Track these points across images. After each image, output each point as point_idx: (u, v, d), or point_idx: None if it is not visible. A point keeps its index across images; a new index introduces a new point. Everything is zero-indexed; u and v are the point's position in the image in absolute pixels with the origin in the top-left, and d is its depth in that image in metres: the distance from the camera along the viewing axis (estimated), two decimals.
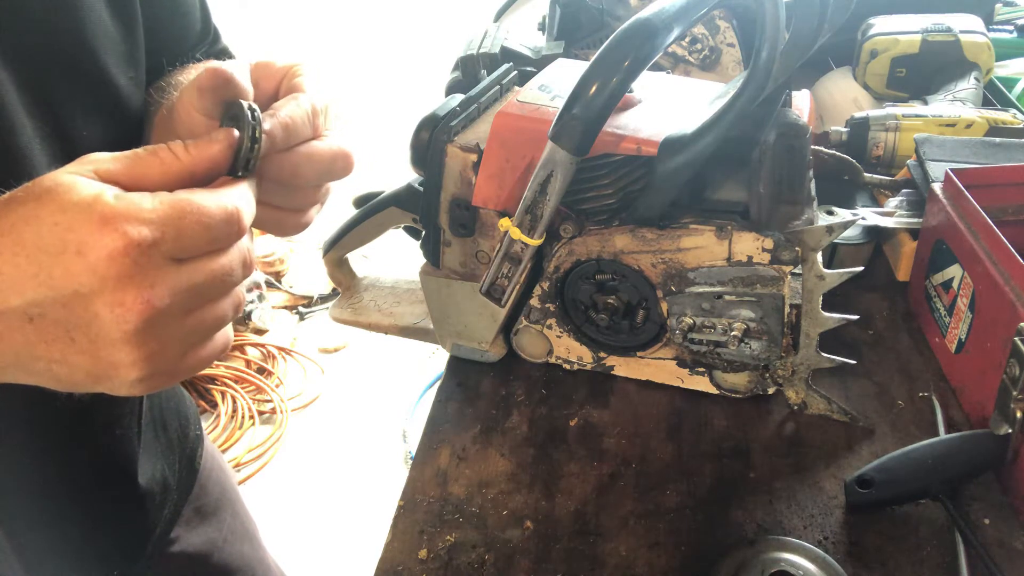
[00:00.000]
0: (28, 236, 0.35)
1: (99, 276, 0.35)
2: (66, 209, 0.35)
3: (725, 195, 0.66)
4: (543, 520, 0.64)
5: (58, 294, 0.35)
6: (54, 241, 0.35)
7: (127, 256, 0.35)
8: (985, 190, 0.73)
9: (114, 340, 0.36)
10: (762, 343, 0.67)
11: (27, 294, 0.35)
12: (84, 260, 0.35)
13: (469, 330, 0.77)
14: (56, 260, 0.35)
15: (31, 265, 0.35)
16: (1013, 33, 1.32)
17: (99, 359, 0.37)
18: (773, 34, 0.54)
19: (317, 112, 0.48)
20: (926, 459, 0.61)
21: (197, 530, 0.78)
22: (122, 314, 0.35)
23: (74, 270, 0.35)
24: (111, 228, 0.35)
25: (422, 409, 2.27)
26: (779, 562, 0.56)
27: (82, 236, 0.35)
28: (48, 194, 0.35)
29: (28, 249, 0.35)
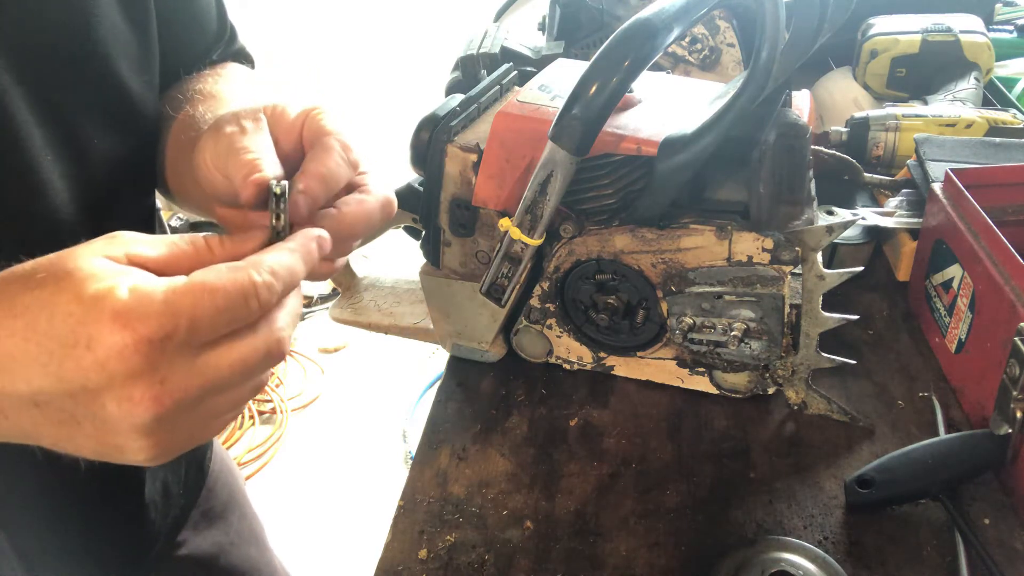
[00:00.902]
0: (42, 323, 0.34)
1: (108, 372, 0.34)
2: (81, 300, 0.34)
3: (725, 195, 0.66)
4: (543, 520, 0.64)
5: (66, 387, 0.35)
6: (66, 332, 0.34)
7: (137, 352, 0.34)
8: (985, 190, 0.73)
9: (122, 431, 0.36)
10: (762, 343, 0.67)
11: (34, 382, 0.35)
12: (93, 355, 0.34)
13: (469, 330, 0.77)
14: (67, 352, 0.34)
15: (41, 354, 0.34)
16: (1013, 33, 1.32)
17: (106, 443, 0.37)
18: (773, 34, 0.54)
19: (349, 148, 0.46)
20: (926, 459, 0.61)
21: (204, 534, 0.78)
22: (130, 409, 0.35)
23: (83, 364, 0.34)
24: (120, 324, 0.34)
25: (422, 409, 2.27)
26: (779, 562, 0.56)
27: (92, 331, 0.34)
28: (67, 279, 0.35)
29: (40, 336, 0.34)
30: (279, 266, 0.38)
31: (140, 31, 0.55)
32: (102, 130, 0.54)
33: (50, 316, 0.34)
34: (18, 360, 0.35)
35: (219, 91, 0.61)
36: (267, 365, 0.39)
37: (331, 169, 0.44)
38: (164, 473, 0.71)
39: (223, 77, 0.65)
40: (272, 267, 0.38)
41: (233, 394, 0.39)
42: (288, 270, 0.39)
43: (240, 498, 0.87)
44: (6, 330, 0.35)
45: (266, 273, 0.37)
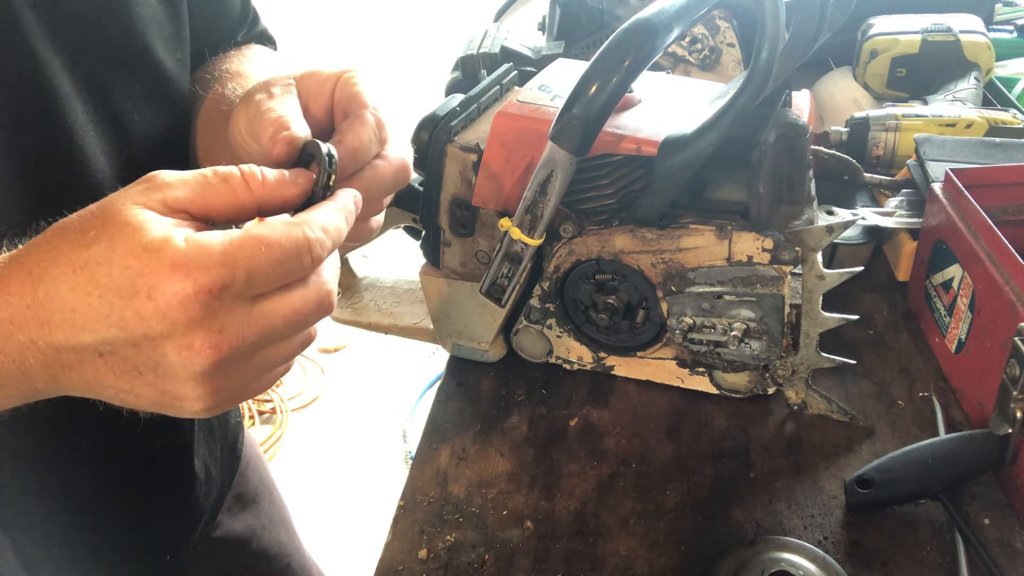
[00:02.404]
0: (101, 276, 0.35)
1: (169, 321, 0.35)
2: (137, 253, 0.35)
3: (725, 195, 0.66)
4: (543, 520, 0.64)
5: (128, 335, 0.36)
6: (126, 284, 0.35)
7: (197, 301, 0.35)
8: (985, 190, 0.73)
9: (181, 379, 0.37)
10: (762, 343, 0.67)
11: (99, 333, 0.36)
12: (154, 304, 0.35)
13: (469, 330, 0.77)
14: (127, 303, 0.35)
15: (103, 305, 0.36)
16: (1013, 33, 1.32)
17: (165, 392, 0.38)
18: (773, 34, 0.54)
19: (383, 125, 0.47)
20: (926, 459, 0.61)
21: (238, 516, 0.79)
22: (190, 357, 0.36)
23: (144, 314, 0.35)
24: (181, 274, 0.35)
25: (422, 409, 2.27)
26: (779, 562, 0.56)
27: (152, 281, 0.35)
28: (120, 234, 0.36)
29: (101, 289, 0.35)
30: (330, 224, 0.40)
31: (173, 10, 0.56)
32: (141, 107, 0.55)
33: (108, 270, 0.35)
34: (80, 312, 0.36)
35: (245, 70, 0.62)
36: (317, 317, 0.41)
37: (364, 144, 0.46)
38: (204, 452, 0.72)
39: (248, 57, 0.66)
40: (324, 225, 0.39)
41: (285, 345, 0.41)
42: (336, 228, 0.40)
43: (269, 484, 0.88)
44: (67, 284, 0.36)
45: (319, 230, 0.39)
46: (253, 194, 0.40)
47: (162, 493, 0.68)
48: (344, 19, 4.22)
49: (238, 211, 0.40)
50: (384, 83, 3.65)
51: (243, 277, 0.36)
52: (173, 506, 0.70)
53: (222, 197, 0.39)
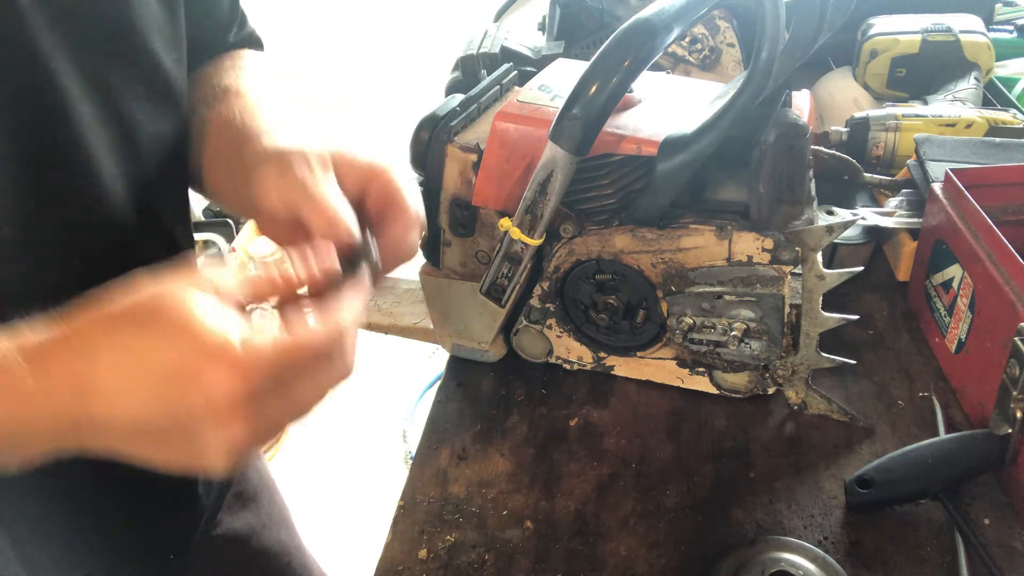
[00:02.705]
0: (155, 364, 0.37)
1: (216, 411, 0.37)
2: (197, 349, 0.37)
3: (725, 195, 0.66)
4: (543, 520, 0.64)
5: (174, 421, 0.37)
6: (182, 374, 0.37)
7: (245, 399, 0.37)
8: (985, 190, 0.73)
9: (213, 454, 0.39)
10: (762, 343, 0.67)
11: (143, 413, 0.37)
12: (206, 400, 0.37)
13: (469, 330, 0.77)
14: (180, 391, 0.37)
15: (157, 394, 0.37)
16: (1013, 33, 1.32)
17: (193, 461, 0.40)
18: (773, 34, 0.54)
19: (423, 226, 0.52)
20: (926, 459, 0.61)
21: (238, 515, 0.79)
22: (227, 437, 0.38)
23: (195, 403, 0.37)
24: (238, 376, 0.37)
25: (422, 409, 2.27)
26: (779, 562, 0.56)
27: (210, 377, 0.37)
28: (180, 326, 0.37)
29: (155, 376, 0.37)
30: (357, 316, 0.44)
31: (170, 9, 0.56)
32: (145, 107, 0.55)
33: (164, 359, 0.37)
34: (126, 394, 0.37)
35: (244, 88, 0.62)
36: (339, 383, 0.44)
37: (406, 249, 0.51)
38: None
39: (243, 69, 0.66)
40: (354, 320, 0.43)
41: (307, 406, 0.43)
42: (361, 314, 0.45)
43: (269, 482, 0.88)
44: (114, 367, 0.37)
45: (351, 328, 0.43)
46: (291, 286, 0.43)
47: (162, 493, 0.68)
48: (344, 19, 4.22)
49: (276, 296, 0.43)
50: (384, 83, 3.66)
51: (287, 377, 0.39)
52: (173, 506, 0.70)
53: (264, 288, 0.42)
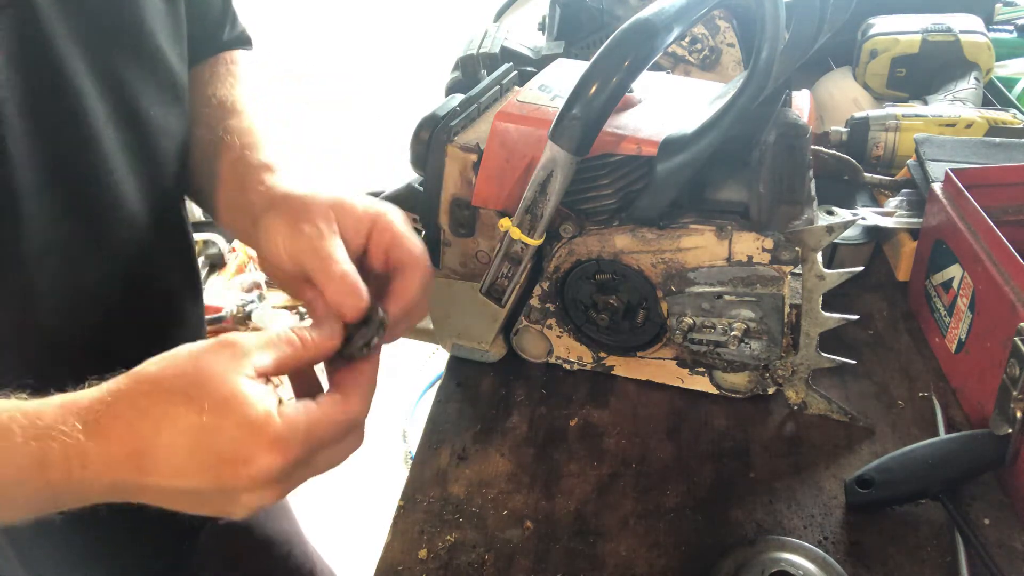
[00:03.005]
0: (209, 442, 0.40)
1: (255, 482, 0.41)
2: (243, 426, 0.40)
3: (725, 195, 0.66)
4: (543, 520, 0.64)
5: (215, 489, 0.41)
6: (229, 451, 0.40)
7: (281, 471, 0.41)
8: (985, 190, 0.73)
9: (240, 511, 0.43)
10: (762, 343, 0.67)
11: (193, 484, 0.41)
12: (248, 471, 0.40)
13: (469, 330, 0.77)
14: (226, 466, 0.40)
15: (205, 466, 0.40)
16: (1013, 33, 1.32)
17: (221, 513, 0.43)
18: (773, 34, 0.54)
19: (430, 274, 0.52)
20: (926, 459, 0.61)
21: None
22: (260, 500, 0.42)
23: (238, 475, 0.40)
24: (277, 451, 0.41)
25: (422, 409, 2.27)
26: (779, 562, 0.56)
27: (253, 452, 0.40)
28: (229, 406, 0.40)
29: (204, 453, 0.40)
30: (372, 390, 0.47)
31: (172, 5, 0.57)
32: (155, 104, 0.56)
33: (215, 438, 0.40)
34: (181, 470, 0.40)
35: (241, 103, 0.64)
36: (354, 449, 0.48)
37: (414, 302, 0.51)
38: None
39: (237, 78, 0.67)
40: (369, 394, 0.47)
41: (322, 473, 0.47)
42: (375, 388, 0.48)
43: None
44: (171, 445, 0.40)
45: (367, 402, 0.46)
46: (309, 353, 0.45)
47: None
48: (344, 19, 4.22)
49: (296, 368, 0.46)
50: (384, 83, 3.65)
51: (317, 448, 0.43)
52: None
53: (289, 360, 0.45)
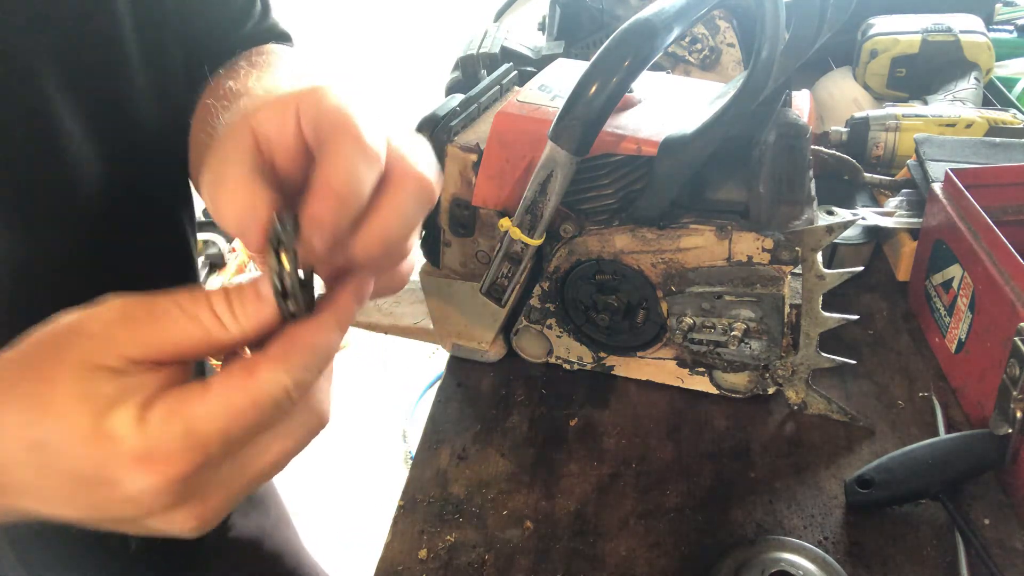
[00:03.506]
0: (57, 463, 0.31)
1: (144, 506, 0.31)
2: (91, 441, 0.30)
3: (725, 195, 0.66)
4: (543, 520, 0.64)
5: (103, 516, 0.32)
6: (88, 473, 0.31)
7: (169, 492, 0.31)
8: (985, 190, 0.73)
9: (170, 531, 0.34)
10: (762, 343, 0.67)
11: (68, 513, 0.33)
12: (123, 494, 0.31)
13: (469, 330, 0.77)
14: (94, 490, 0.31)
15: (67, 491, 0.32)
16: (1013, 33, 1.32)
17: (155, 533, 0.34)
18: (773, 34, 0.54)
19: (361, 137, 0.34)
20: (926, 459, 0.61)
21: (249, 516, 0.80)
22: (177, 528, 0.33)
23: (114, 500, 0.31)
24: (145, 467, 0.30)
25: (422, 409, 2.27)
26: (779, 562, 0.56)
27: (116, 474, 0.30)
28: (68, 413, 0.30)
29: (61, 476, 0.31)
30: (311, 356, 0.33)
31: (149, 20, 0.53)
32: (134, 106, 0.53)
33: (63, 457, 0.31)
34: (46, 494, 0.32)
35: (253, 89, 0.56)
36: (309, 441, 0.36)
37: (346, 178, 0.33)
38: None
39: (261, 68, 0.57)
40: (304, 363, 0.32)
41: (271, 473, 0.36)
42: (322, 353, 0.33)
43: (273, 486, 0.89)
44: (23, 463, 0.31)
45: (297, 371, 0.32)
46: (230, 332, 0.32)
47: None
48: (344, 19, 4.22)
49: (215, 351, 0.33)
50: (384, 84, 3.65)
51: (217, 452, 0.31)
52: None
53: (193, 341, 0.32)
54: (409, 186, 0.36)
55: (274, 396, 0.32)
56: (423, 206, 0.37)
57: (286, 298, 0.33)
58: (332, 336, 0.34)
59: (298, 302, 0.33)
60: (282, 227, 0.32)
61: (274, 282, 0.32)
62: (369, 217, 0.35)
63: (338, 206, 0.33)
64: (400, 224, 0.36)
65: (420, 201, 0.36)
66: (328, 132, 0.34)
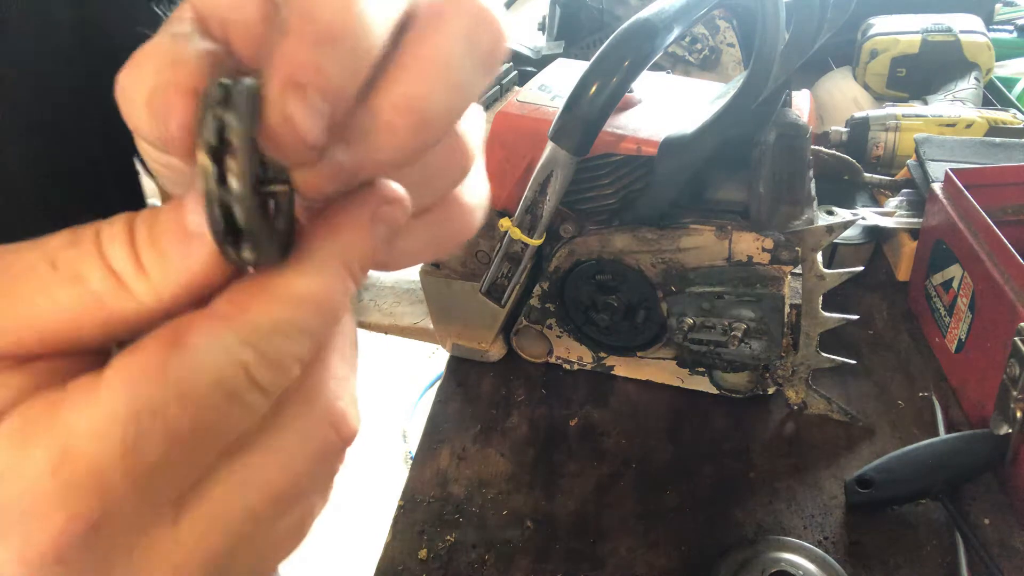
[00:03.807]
0: None
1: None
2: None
3: (725, 195, 0.66)
4: (543, 520, 0.64)
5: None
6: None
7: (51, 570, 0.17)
8: (985, 190, 0.73)
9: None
10: (762, 343, 0.67)
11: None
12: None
13: (469, 330, 0.77)
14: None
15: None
16: (1013, 33, 1.32)
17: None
18: (773, 34, 0.54)
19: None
20: (926, 459, 0.61)
21: None
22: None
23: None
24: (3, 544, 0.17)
25: (422, 409, 2.27)
26: (779, 562, 0.56)
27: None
28: None
29: None
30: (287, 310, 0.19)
31: None
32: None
33: None
34: None
35: None
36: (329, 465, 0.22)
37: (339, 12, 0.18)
38: None
39: None
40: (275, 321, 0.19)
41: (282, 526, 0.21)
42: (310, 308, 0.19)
43: None
44: None
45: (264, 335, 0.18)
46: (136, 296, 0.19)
47: None
48: None
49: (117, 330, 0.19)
50: None
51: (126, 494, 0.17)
52: None
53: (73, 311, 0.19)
54: (455, 17, 0.20)
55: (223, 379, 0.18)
56: (484, 56, 0.20)
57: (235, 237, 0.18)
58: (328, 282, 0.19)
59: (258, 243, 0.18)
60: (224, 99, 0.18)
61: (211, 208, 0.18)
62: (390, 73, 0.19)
63: (333, 48, 0.17)
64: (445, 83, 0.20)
65: (475, 44, 0.20)
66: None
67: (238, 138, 0.17)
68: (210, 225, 0.18)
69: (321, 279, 0.19)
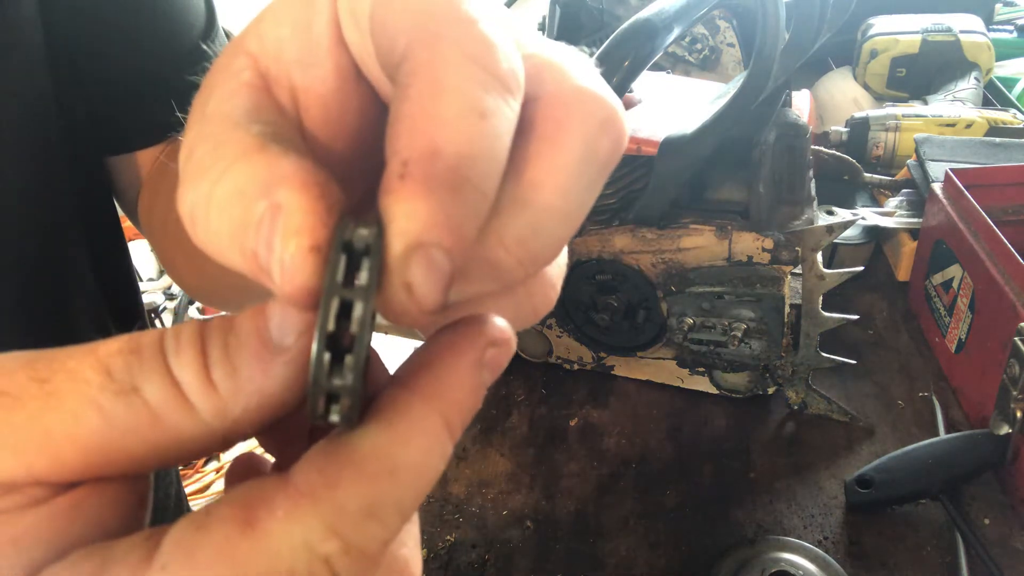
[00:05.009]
0: None
1: None
2: None
3: (725, 195, 0.66)
4: (543, 520, 0.64)
5: None
6: None
7: None
8: (985, 190, 0.73)
9: None
10: (762, 343, 0.67)
11: None
12: None
13: None
14: None
15: None
16: (1013, 33, 1.32)
17: None
18: (773, 34, 0.54)
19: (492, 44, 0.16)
20: (926, 459, 0.61)
21: None
22: None
23: None
24: None
25: None
26: (779, 562, 0.56)
27: None
28: None
29: None
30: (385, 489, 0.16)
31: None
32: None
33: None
34: None
35: None
36: None
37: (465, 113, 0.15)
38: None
39: None
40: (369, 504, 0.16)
41: None
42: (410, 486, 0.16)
43: None
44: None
45: (354, 523, 0.15)
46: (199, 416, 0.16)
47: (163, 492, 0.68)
48: None
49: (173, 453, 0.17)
50: None
51: None
52: (181, 509, 0.69)
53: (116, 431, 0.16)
54: (578, 119, 0.17)
55: (298, 574, 0.15)
56: (602, 166, 0.18)
57: (333, 370, 0.16)
58: (428, 446, 0.16)
59: (351, 409, 0.16)
60: (347, 276, 0.15)
61: (315, 398, 0.16)
62: (503, 207, 0.17)
63: (462, 194, 0.15)
64: (562, 215, 0.18)
65: (596, 153, 0.18)
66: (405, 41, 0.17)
67: (360, 327, 0.15)
68: (309, 413, 0.16)
69: (422, 444, 0.16)
